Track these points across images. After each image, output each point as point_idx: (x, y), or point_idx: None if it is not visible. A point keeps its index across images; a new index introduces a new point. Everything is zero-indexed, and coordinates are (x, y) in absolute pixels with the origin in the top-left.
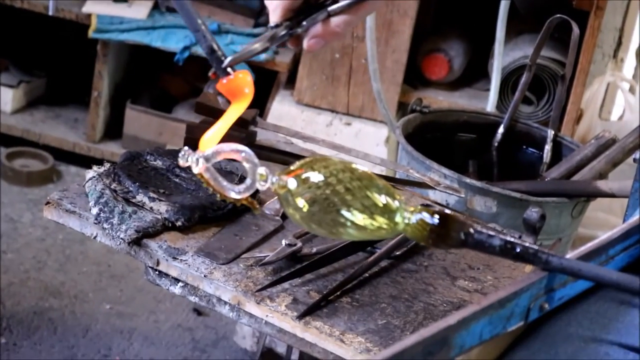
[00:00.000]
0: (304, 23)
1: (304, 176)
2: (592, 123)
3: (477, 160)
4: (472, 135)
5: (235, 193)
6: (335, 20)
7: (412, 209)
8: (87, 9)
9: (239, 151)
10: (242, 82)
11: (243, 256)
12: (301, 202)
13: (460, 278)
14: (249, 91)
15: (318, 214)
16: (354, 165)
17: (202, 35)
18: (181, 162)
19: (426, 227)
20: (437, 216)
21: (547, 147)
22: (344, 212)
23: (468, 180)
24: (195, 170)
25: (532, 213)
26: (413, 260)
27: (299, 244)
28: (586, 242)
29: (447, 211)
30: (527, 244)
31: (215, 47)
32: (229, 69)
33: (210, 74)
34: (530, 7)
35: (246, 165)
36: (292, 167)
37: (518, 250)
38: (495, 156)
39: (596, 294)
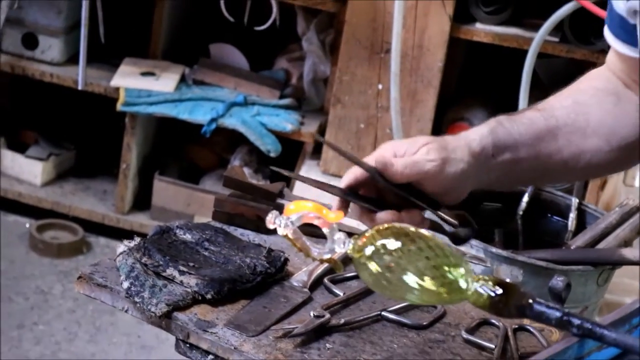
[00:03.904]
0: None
1: (378, 243)
2: (616, 189)
3: (503, 229)
4: (497, 205)
5: (317, 254)
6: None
7: (476, 277)
8: (115, 82)
9: (320, 217)
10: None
11: (272, 328)
12: (373, 267)
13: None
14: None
15: (388, 278)
16: (423, 232)
17: None
18: (269, 225)
19: (488, 296)
20: (499, 286)
21: (572, 215)
22: (412, 279)
23: (494, 249)
24: (281, 232)
25: (558, 282)
26: (440, 330)
27: (327, 316)
28: (613, 309)
29: (508, 281)
30: (584, 319)
31: None
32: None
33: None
34: (553, 76)
35: (325, 230)
36: (366, 233)
37: (575, 322)
38: (520, 225)
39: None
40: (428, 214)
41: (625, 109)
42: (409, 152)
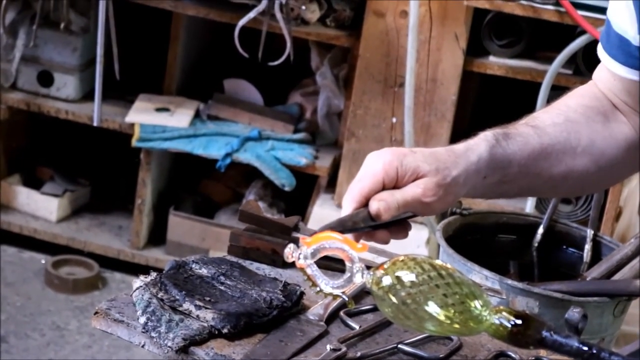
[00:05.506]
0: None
1: (396, 274)
2: (631, 220)
3: (518, 261)
4: (512, 236)
5: (331, 288)
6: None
7: (495, 309)
8: (130, 118)
9: (341, 249)
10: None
11: None
12: (392, 298)
13: None
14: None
15: (408, 309)
16: (441, 263)
17: None
18: (286, 258)
19: (506, 327)
20: (517, 317)
21: (587, 247)
22: (433, 309)
23: (509, 281)
24: (299, 264)
25: (574, 313)
26: None
27: (344, 349)
28: (630, 340)
29: (527, 312)
30: (602, 349)
31: None
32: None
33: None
34: None
35: (347, 263)
36: (384, 265)
37: (594, 353)
38: (535, 257)
39: None
40: None
41: (613, 130)
42: (401, 179)
